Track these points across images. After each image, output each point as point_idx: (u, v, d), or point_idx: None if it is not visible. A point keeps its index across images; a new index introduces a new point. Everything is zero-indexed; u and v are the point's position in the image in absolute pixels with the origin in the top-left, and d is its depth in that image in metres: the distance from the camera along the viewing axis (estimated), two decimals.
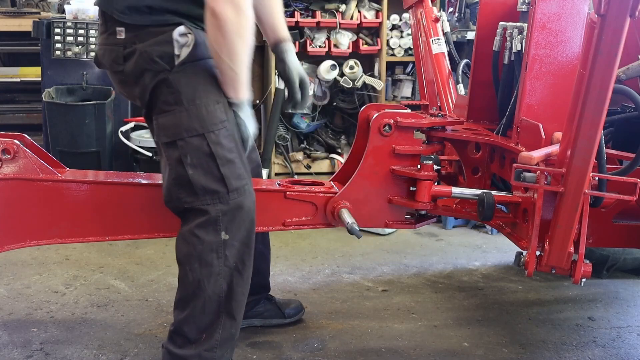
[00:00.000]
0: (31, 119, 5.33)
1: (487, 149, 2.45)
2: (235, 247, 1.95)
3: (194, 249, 1.93)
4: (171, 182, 1.95)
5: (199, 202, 1.92)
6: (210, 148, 1.89)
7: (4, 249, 2.14)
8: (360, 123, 2.41)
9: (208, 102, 1.91)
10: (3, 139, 2.09)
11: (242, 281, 1.99)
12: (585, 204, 1.88)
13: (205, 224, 1.92)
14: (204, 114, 1.90)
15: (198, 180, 1.90)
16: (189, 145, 1.90)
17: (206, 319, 1.95)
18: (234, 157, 1.94)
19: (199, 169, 1.90)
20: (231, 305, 1.97)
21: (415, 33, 3.20)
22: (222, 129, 1.92)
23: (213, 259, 1.92)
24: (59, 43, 4.05)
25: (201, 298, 1.94)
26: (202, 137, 1.89)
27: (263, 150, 4.46)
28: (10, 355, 2.27)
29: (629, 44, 1.89)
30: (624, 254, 3.10)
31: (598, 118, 1.76)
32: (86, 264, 3.13)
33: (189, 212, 1.95)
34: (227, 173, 1.91)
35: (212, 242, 1.92)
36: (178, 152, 1.91)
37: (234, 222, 1.93)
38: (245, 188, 1.96)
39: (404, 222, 2.38)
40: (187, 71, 1.91)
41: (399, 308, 2.78)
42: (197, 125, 1.89)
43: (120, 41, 1.93)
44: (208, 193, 1.91)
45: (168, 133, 1.92)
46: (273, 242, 3.46)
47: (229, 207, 1.92)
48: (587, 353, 2.43)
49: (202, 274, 1.93)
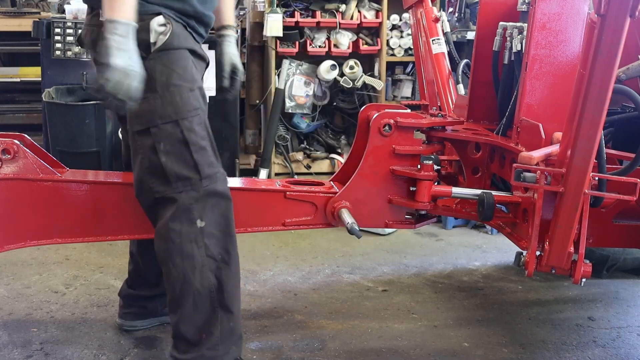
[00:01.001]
0: (31, 119, 5.33)
1: (487, 149, 2.45)
2: (215, 236, 1.94)
3: (172, 242, 1.93)
4: (143, 172, 1.96)
5: (171, 190, 1.92)
6: (183, 135, 1.91)
7: (4, 249, 2.14)
8: (360, 123, 2.41)
9: (182, 90, 1.92)
10: (3, 139, 2.09)
11: (230, 272, 1.98)
12: (585, 204, 1.88)
13: (178, 215, 1.92)
14: (178, 101, 1.91)
15: (171, 167, 1.91)
16: (163, 132, 1.91)
17: (201, 316, 1.95)
18: (206, 144, 1.96)
19: (171, 156, 1.91)
20: (224, 298, 1.96)
21: (415, 33, 3.20)
22: (196, 116, 1.94)
23: (193, 249, 1.92)
24: (59, 43, 4.04)
25: (190, 293, 1.93)
26: (175, 123, 1.90)
27: (263, 150, 4.47)
28: (10, 355, 2.27)
29: (629, 44, 1.89)
30: (624, 254, 3.10)
31: (598, 118, 1.76)
32: (86, 264, 3.13)
33: (160, 203, 1.95)
34: (199, 160, 1.92)
35: (189, 232, 1.92)
36: (151, 140, 1.92)
37: (206, 208, 1.93)
38: (217, 175, 1.97)
39: (404, 222, 2.38)
40: (162, 58, 1.92)
41: (399, 308, 2.78)
42: (171, 112, 1.91)
43: (101, 23, 1.90)
44: (180, 179, 1.91)
45: (141, 121, 1.93)
46: (273, 242, 3.48)
47: (200, 194, 1.92)
48: (587, 353, 2.43)
49: (185, 267, 1.92)
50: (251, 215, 2.26)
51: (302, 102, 4.49)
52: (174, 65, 1.93)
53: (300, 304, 2.77)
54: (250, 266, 3.16)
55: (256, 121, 4.90)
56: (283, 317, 2.65)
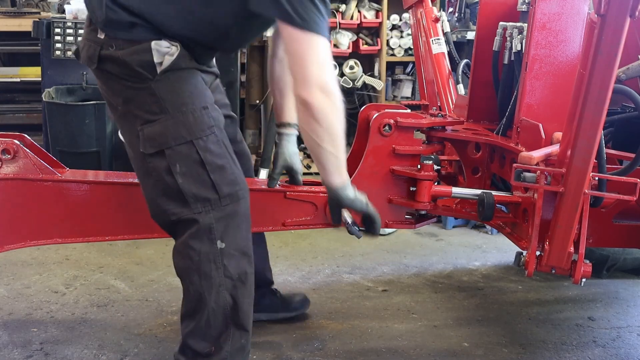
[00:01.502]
0: (31, 119, 5.33)
1: (487, 149, 2.45)
2: (234, 257, 1.91)
3: (191, 261, 1.89)
4: (157, 194, 1.91)
5: (189, 212, 1.87)
6: (199, 155, 1.85)
7: (4, 249, 2.14)
8: (360, 123, 2.42)
9: (194, 109, 1.87)
10: (3, 139, 2.09)
11: (246, 291, 1.95)
12: (585, 204, 1.88)
13: (198, 233, 1.87)
14: (191, 121, 1.86)
15: (189, 188, 1.86)
16: (178, 154, 1.85)
17: (213, 332, 1.93)
18: (224, 162, 1.90)
19: (188, 177, 1.86)
20: (238, 317, 1.94)
21: (415, 33, 3.20)
22: (210, 134, 1.88)
23: (212, 270, 1.88)
24: (59, 43, 4.04)
25: (204, 311, 1.90)
26: (190, 144, 1.85)
27: (263, 150, 4.46)
28: (10, 355, 2.27)
29: (629, 44, 1.89)
30: (624, 254, 3.10)
31: (598, 118, 1.76)
32: (86, 264, 3.13)
33: (179, 224, 1.90)
34: (217, 179, 1.87)
35: (208, 252, 1.88)
36: (166, 162, 1.86)
37: (228, 230, 1.89)
38: (238, 194, 1.91)
39: (404, 222, 2.38)
40: (170, 79, 1.86)
41: (399, 308, 2.78)
42: (185, 133, 1.85)
43: (99, 40, 1.89)
44: (199, 201, 1.86)
45: (154, 143, 1.86)
46: (273, 242, 3.47)
47: (222, 213, 1.88)
48: (587, 353, 2.43)
49: (202, 287, 1.89)
50: (251, 215, 2.26)
51: None
52: (184, 84, 1.87)
53: None
54: None
55: (256, 121, 4.90)
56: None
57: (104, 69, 1.90)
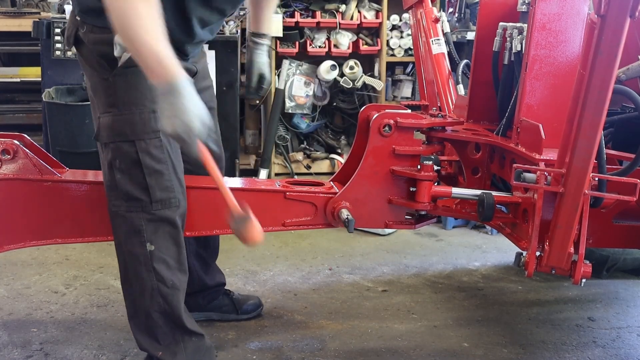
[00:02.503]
0: (31, 119, 5.32)
1: (487, 149, 2.45)
2: (167, 263, 1.95)
3: (124, 262, 1.98)
4: (105, 183, 1.98)
5: (123, 208, 1.93)
6: (138, 156, 1.88)
7: (4, 249, 2.14)
8: (360, 123, 2.41)
9: (143, 110, 1.88)
10: (3, 139, 2.09)
11: (182, 296, 2.02)
12: (585, 204, 1.88)
13: (130, 234, 1.94)
14: (137, 121, 1.88)
15: (124, 185, 1.91)
16: (119, 150, 1.90)
17: (160, 337, 2.00)
18: (163, 168, 1.92)
19: (125, 175, 1.90)
20: (179, 320, 2.01)
21: (415, 33, 3.20)
22: (155, 138, 1.89)
23: (142, 272, 1.95)
24: (59, 43, 4.04)
25: (142, 313, 2.00)
26: (131, 143, 1.88)
27: (263, 150, 4.47)
28: (10, 355, 2.27)
29: (629, 44, 1.89)
30: (624, 254, 3.10)
31: (598, 118, 1.76)
32: (86, 264, 3.13)
33: (116, 217, 1.96)
34: (152, 183, 1.90)
35: (139, 254, 1.94)
36: (110, 155, 1.91)
37: (158, 234, 1.93)
38: (171, 201, 1.94)
39: (404, 222, 2.38)
40: (127, 76, 1.87)
41: (399, 308, 2.78)
42: (128, 131, 1.88)
43: (76, 22, 1.91)
44: (131, 200, 1.92)
45: (103, 134, 1.92)
46: (273, 242, 3.48)
47: (151, 217, 1.92)
48: (587, 353, 2.43)
49: (135, 289, 1.99)
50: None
51: (302, 103, 4.49)
52: (138, 84, 1.85)
53: (300, 304, 2.77)
54: (250, 266, 3.16)
55: (256, 121, 4.90)
56: (283, 318, 2.65)
57: (80, 52, 1.95)
